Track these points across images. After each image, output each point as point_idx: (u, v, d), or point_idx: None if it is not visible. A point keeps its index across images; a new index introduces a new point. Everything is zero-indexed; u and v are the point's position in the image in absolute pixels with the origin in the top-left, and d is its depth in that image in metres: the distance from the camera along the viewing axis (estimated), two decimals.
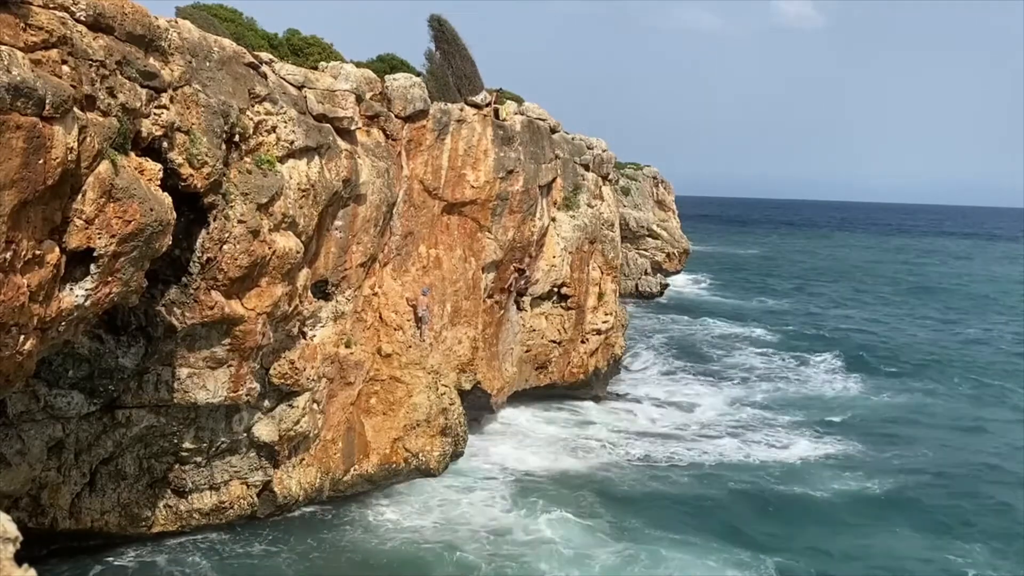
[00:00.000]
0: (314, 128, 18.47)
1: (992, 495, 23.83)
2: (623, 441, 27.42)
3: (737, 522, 21.08)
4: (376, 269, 21.94)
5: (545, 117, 28.67)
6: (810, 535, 20.56)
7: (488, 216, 25.59)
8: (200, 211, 15.82)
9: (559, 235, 29.47)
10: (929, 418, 32.16)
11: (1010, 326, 54.94)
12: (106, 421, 17.14)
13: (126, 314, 16.10)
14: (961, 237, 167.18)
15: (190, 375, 17.09)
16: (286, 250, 17.41)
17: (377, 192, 20.86)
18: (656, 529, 20.25)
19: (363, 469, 21.48)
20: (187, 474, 18.45)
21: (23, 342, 11.24)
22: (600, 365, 32.21)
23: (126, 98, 12.86)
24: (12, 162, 10.29)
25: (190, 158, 14.91)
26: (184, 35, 15.22)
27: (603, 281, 32.44)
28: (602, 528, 20.16)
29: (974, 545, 20.21)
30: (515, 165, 25.99)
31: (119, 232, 12.33)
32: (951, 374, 39.72)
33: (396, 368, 21.97)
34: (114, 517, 17.88)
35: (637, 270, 61.89)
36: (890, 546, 20.16)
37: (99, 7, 12.31)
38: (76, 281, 12.21)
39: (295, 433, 19.38)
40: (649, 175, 65.62)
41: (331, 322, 20.26)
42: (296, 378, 19.12)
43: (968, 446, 28.84)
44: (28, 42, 10.90)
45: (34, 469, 16.44)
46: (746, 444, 27.57)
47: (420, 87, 22.71)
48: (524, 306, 28.81)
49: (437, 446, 22.42)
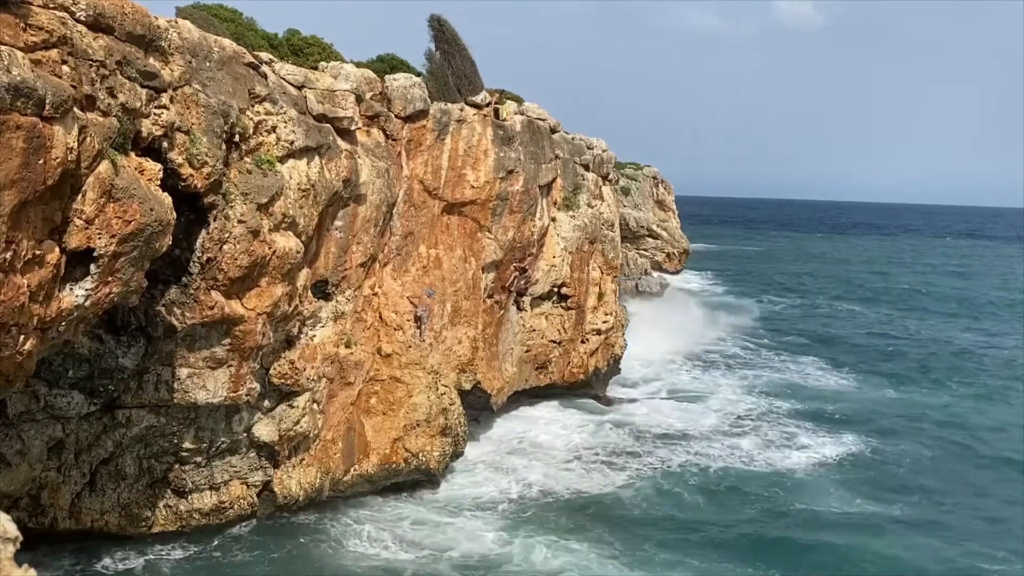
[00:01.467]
0: (314, 128, 18.47)
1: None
2: (628, 447, 26.79)
3: (748, 537, 20.31)
4: (376, 269, 21.94)
5: (545, 117, 28.67)
6: (825, 543, 20.11)
7: (488, 216, 25.58)
8: (200, 211, 15.82)
9: (559, 235, 29.46)
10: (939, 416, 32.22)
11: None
12: (106, 421, 17.15)
13: (126, 314, 16.10)
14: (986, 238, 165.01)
15: (190, 375, 17.09)
16: (286, 250, 17.41)
17: (377, 192, 20.86)
18: (667, 552, 19.26)
19: (363, 469, 21.47)
20: (187, 474, 18.45)
21: (23, 342, 11.24)
22: (600, 365, 32.20)
23: (126, 98, 12.86)
24: (12, 162, 10.29)
25: (190, 158, 14.91)
26: (184, 35, 15.23)
27: (603, 281, 32.43)
28: (612, 554, 19.03)
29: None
30: (515, 165, 25.99)
31: (119, 232, 12.34)
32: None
33: (396, 368, 21.96)
34: (114, 517, 17.89)
35: (637, 270, 61.93)
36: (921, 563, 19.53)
37: (99, 7, 12.31)
38: (76, 281, 12.21)
39: (295, 433, 19.37)
40: (649, 175, 65.64)
41: (331, 322, 20.26)
42: (296, 378, 19.12)
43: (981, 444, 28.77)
44: (28, 42, 10.91)
45: (34, 469, 16.45)
46: (750, 443, 27.53)
47: (420, 87, 22.71)
48: (524, 306, 28.80)
49: (437, 446, 22.41)
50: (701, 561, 18.99)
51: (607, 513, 21.68)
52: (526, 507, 21.71)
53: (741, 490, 23.53)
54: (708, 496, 23.18)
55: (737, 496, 23.08)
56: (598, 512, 21.67)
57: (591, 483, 23.63)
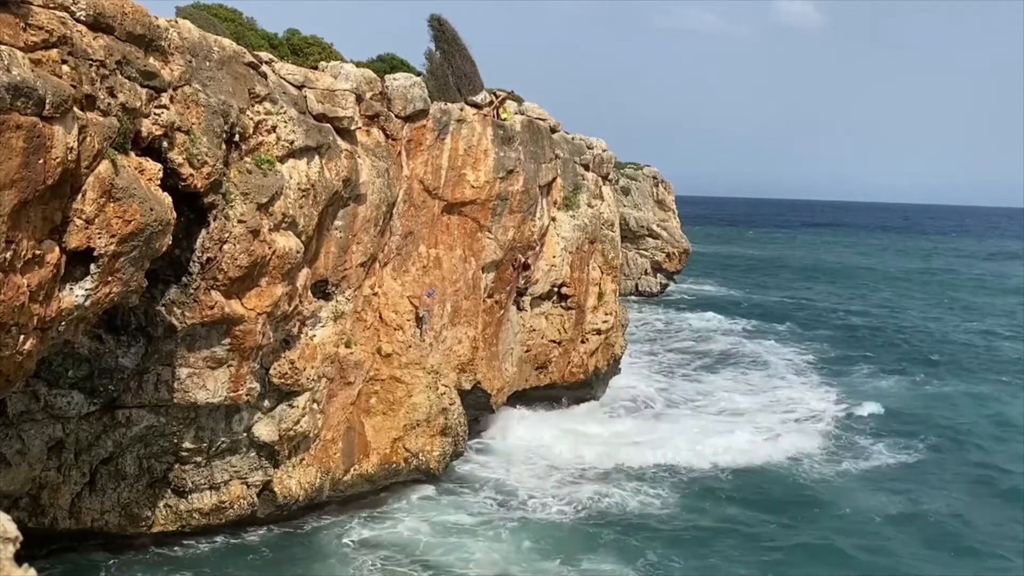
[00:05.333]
0: (314, 128, 18.46)
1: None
2: (633, 452, 26.23)
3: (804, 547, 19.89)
4: (376, 269, 21.94)
5: (545, 117, 28.66)
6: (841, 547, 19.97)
7: (488, 216, 25.58)
8: (200, 211, 15.82)
9: (559, 235, 29.46)
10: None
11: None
12: (106, 421, 17.14)
13: (126, 314, 16.10)
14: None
15: (190, 375, 17.08)
16: (286, 250, 17.41)
17: (377, 192, 20.86)
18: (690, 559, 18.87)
19: (363, 469, 21.47)
20: (187, 474, 18.45)
21: (23, 342, 11.24)
22: (600, 365, 32.18)
23: (126, 98, 12.86)
24: (12, 162, 10.29)
25: (190, 158, 14.90)
26: (184, 35, 15.22)
27: (603, 281, 32.42)
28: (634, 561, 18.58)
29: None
30: (515, 165, 25.98)
31: (119, 232, 12.33)
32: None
33: (396, 368, 21.97)
34: (114, 517, 17.89)
35: (637, 270, 61.91)
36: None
37: (99, 7, 12.30)
38: (76, 281, 12.21)
39: (295, 433, 19.37)
40: (649, 175, 65.58)
41: (331, 322, 20.26)
42: (296, 378, 19.12)
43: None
44: (28, 42, 10.90)
45: (34, 469, 16.45)
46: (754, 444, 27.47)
47: (420, 87, 22.70)
48: (524, 306, 28.80)
49: (437, 446, 22.41)
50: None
51: (625, 521, 21.26)
52: (527, 507, 21.69)
53: (761, 484, 23.37)
54: (733, 496, 22.98)
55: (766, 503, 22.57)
56: (617, 520, 21.21)
57: (608, 488, 23.27)
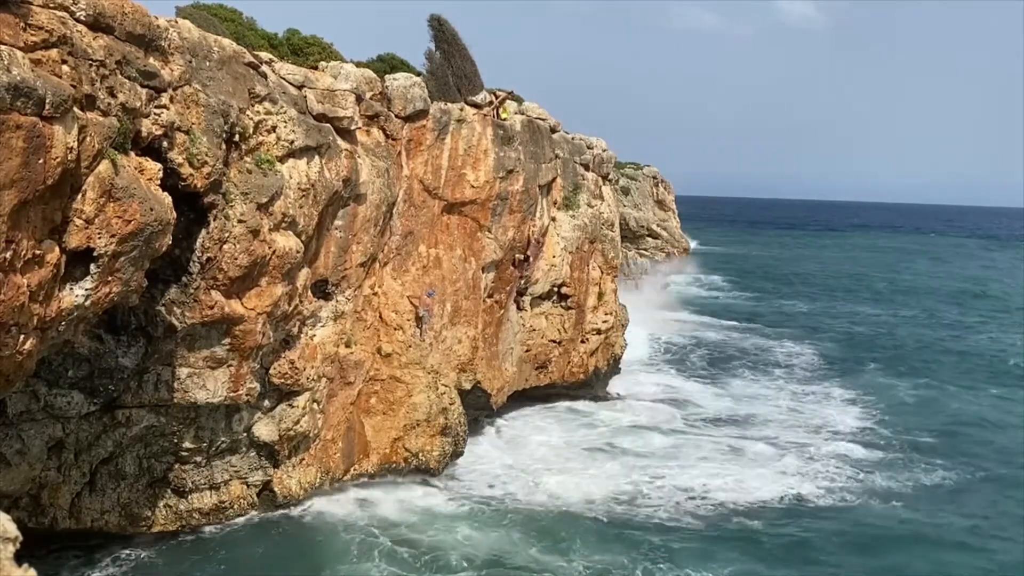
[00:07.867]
0: (314, 128, 18.47)
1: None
2: (638, 455, 25.89)
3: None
4: (376, 269, 21.95)
5: (545, 117, 28.68)
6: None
7: (488, 216, 25.59)
8: (200, 211, 15.83)
9: (559, 235, 29.47)
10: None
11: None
12: (106, 421, 17.15)
13: (126, 314, 16.10)
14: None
15: (190, 375, 17.09)
16: (286, 250, 17.42)
17: (377, 192, 20.87)
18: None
19: (363, 469, 21.48)
20: (187, 474, 18.46)
21: (23, 342, 11.24)
22: (600, 365, 32.20)
23: (126, 98, 12.86)
24: (12, 162, 10.30)
25: (190, 158, 14.91)
26: (184, 35, 15.22)
27: (603, 281, 32.44)
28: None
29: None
30: (515, 165, 26.00)
31: (119, 232, 12.34)
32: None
33: (396, 368, 21.97)
34: (114, 517, 17.90)
35: (637, 270, 61.96)
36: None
37: (99, 7, 12.31)
38: (76, 281, 12.21)
39: (295, 433, 19.38)
40: (649, 175, 65.70)
41: (331, 322, 20.27)
42: (296, 378, 19.13)
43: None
44: (28, 42, 10.91)
45: (34, 469, 16.45)
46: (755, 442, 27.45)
47: (420, 87, 22.71)
48: (524, 306, 28.81)
49: (437, 446, 22.42)
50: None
51: (631, 519, 21.08)
52: (528, 508, 21.66)
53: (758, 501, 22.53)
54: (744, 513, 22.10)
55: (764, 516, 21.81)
56: (617, 519, 20.99)
57: (617, 487, 23.02)
